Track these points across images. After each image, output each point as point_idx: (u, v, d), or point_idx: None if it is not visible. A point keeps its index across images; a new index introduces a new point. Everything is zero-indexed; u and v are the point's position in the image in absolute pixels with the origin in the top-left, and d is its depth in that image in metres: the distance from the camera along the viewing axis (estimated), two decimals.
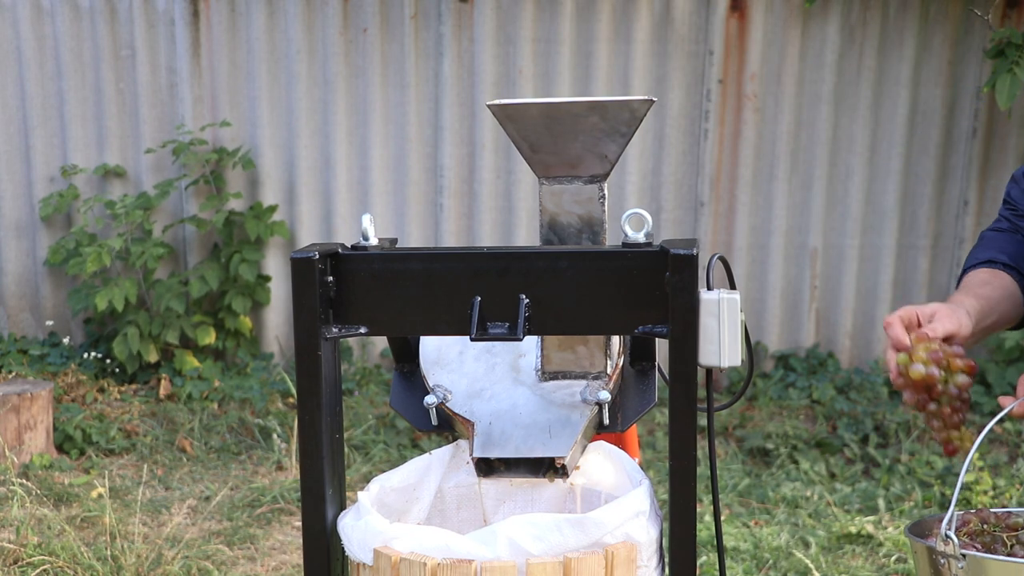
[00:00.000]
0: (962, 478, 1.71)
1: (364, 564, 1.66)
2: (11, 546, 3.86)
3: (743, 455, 5.09)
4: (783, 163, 5.78)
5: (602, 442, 1.93)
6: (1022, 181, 2.09)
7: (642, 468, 1.88)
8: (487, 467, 1.82)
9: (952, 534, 1.66)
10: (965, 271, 2.06)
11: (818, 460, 4.98)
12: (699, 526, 3.36)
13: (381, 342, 5.86)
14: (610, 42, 5.70)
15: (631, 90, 5.69)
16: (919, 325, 1.81)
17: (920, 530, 1.84)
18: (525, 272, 1.65)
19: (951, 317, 1.81)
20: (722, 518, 3.53)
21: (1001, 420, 1.75)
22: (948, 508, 1.74)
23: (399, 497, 1.87)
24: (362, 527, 1.66)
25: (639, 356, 1.89)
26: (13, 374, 5.54)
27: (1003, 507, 4.41)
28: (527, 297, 1.64)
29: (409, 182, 5.88)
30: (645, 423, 5.29)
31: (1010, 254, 2.03)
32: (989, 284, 1.99)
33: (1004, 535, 1.77)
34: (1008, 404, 1.79)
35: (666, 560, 1.69)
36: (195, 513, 4.43)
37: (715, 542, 2.58)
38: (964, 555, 1.65)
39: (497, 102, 1.72)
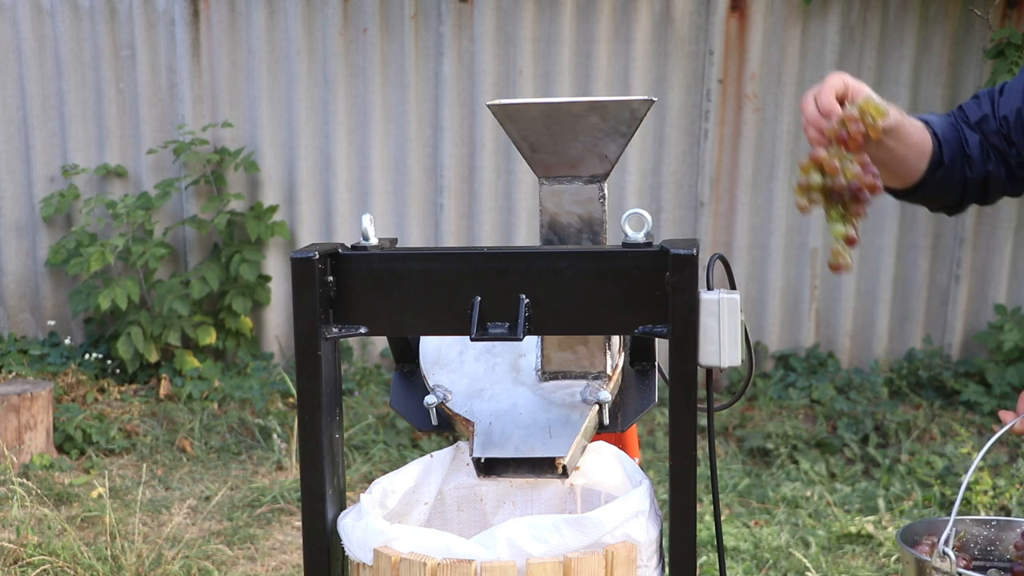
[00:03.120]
0: (962, 493, 1.72)
1: (364, 564, 1.65)
2: (11, 546, 3.86)
3: (743, 455, 5.09)
4: (783, 163, 5.78)
5: (602, 442, 1.93)
6: (983, 101, 2.00)
7: (642, 468, 1.88)
8: (487, 467, 1.82)
9: (950, 551, 1.66)
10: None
11: (818, 460, 4.98)
12: (699, 526, 3.36)
13: (381, 342, 5.86)
14: (610, 42, 5.70)
15: (631, 90, 5.69)
16: (841, 100, 1.76)
17: (910, 537, 1.84)
18: (525, 272, 1.65)
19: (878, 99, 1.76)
20: (722, 518, 3.53)
21: (1001, 436, 1.76)
22: (943, 517, 1.74)
23: (401, 499, 1.87)
24: (362, 527, 1.66)
25: (639, 356, 1.89)
26: (13, 374, 5.54)
27: (1001, 507, 4.41)
28: (527, 297, 1.64)
29: (409, 182, 5.89)
30: (645, 423, 5.29)
31: (943, 132, 1.95)
32: (916, 128, 1.91)
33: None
34: (1009, 420, 1.79)
35: (666, 560, 1.68)
36: (195, 513, 4.43)
37: (715, 542, 2.58)
38: (960, 573, 1.65)
39: (497, 102, 1.72)
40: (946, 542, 1.67)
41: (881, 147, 1.83)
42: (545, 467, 1.79)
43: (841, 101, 1.75)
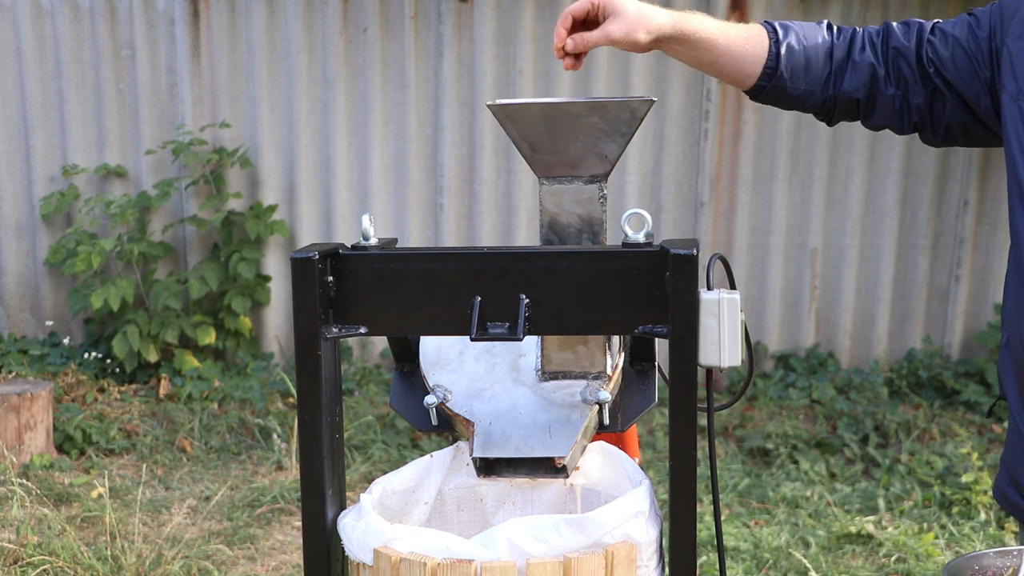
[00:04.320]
0: None
1: (364, 564, 1.65)
2: (11, 546, 3.86)
3: (743, 455, 5.09)
4: (783, 163, 5.78)
5: (602, 442, 1.93)
6: (911, 33, 1.96)
7: (642, 468, 1.88)
8: (487, 467, 1.82)
9: None
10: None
11: (818, 460, 4.98)
12: (699, 526, 3.36)
13: (381, 342, 5.86)
14: None
15: (631, 90, 5.70)
16: (595, 19, 1.87)
17: (958, 573, 1.79)
18: (525, 272, 1.64)
19: (624, 24, 1.84)
20: (722, 518, 3.53)
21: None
22: (984, 551, 1.69)
23: (400, 499, 1.87)
24: (362, 527, 1.66)
25: (639, 356, 1.89)
26: (13, 374, 5.54)
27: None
28: (527, 297, 1.64)
29: (409, 182, 5.88)
30: (645, 423, 5.29)
31: (804, 42, 1.95)
32: (744, 32, 1.94)
33: None
34: None
35: (666, 560, 1.68)
36: (195, 513, 4.43)
37: (715, 542, 2.58)
38: None
39: (497, 102, 1.72)
40: None
41: (680, 52, 1.95)
42: (545, 467, 1.79)
43: (595, 19, 1.87)
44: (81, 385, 5.62)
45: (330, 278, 1.67)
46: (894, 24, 1.97)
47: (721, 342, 1.59)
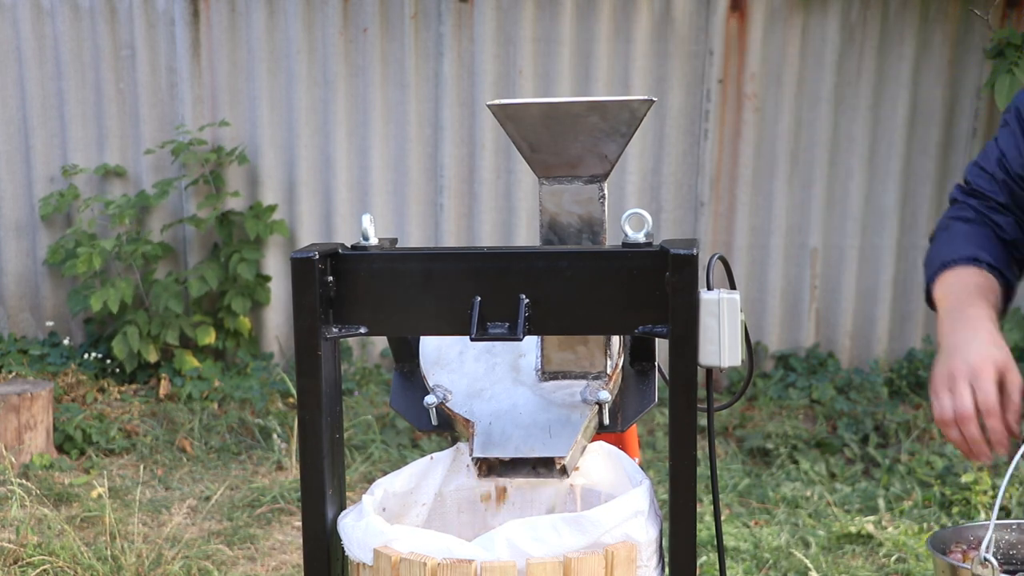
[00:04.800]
0: (999, 499, 1.70)
1: (364, 564, 1.65)
2: (11, 546, 3.86)
3: (743, 455, 5.09)
4: (783, 163, 5.78)
5: (602, 442, 1.93)
6: (993, 171, 2.00)
7: (642, 468, 1.88)
8: (487, 467, 1.82)
9: (991, 557, 1.65)
10: (946, 264, 1.97)
11: (818, 460, 4.98)
12: (699, 526, 3.36)
13: (381, 342, 5.86)
14: (610, 42, 5.70)
15: (631, 90, 5.69)
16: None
17: (939, 545, 1.83)
18: (525, 272, 1.64)
19: (1016, 371, 1.77)
20: (722, 518, 3.53)
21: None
22: (968, 523, 1.73)
23: (400, 501, 1.87)
24: (362, 527, 1.66)
25: (639, 356, 1.89)
26: (13, 374, 5.54)
27: (1001, 507, 4.41)
28: (527, 297, 1.64)
29: (409, 182, 5.88)
30: (645, 423, 5.29)
31: (993, 254, 1.97)
32: (992, 292, 1.92)
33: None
34: None
35: (666, 560, 1.68)
36: (195, 513, 4.43)
37: (715, 542, 2.58)
38: None
39: (497, 102, 1.72)
40: (987, 548, 1.66)
41: None
42: (545, 467, 1.79)
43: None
44: (81, 385, 5.62)
45: (330, 278, 1.67)
46: (973, 182, 2.03)
47: (721, 342, 1.59)
